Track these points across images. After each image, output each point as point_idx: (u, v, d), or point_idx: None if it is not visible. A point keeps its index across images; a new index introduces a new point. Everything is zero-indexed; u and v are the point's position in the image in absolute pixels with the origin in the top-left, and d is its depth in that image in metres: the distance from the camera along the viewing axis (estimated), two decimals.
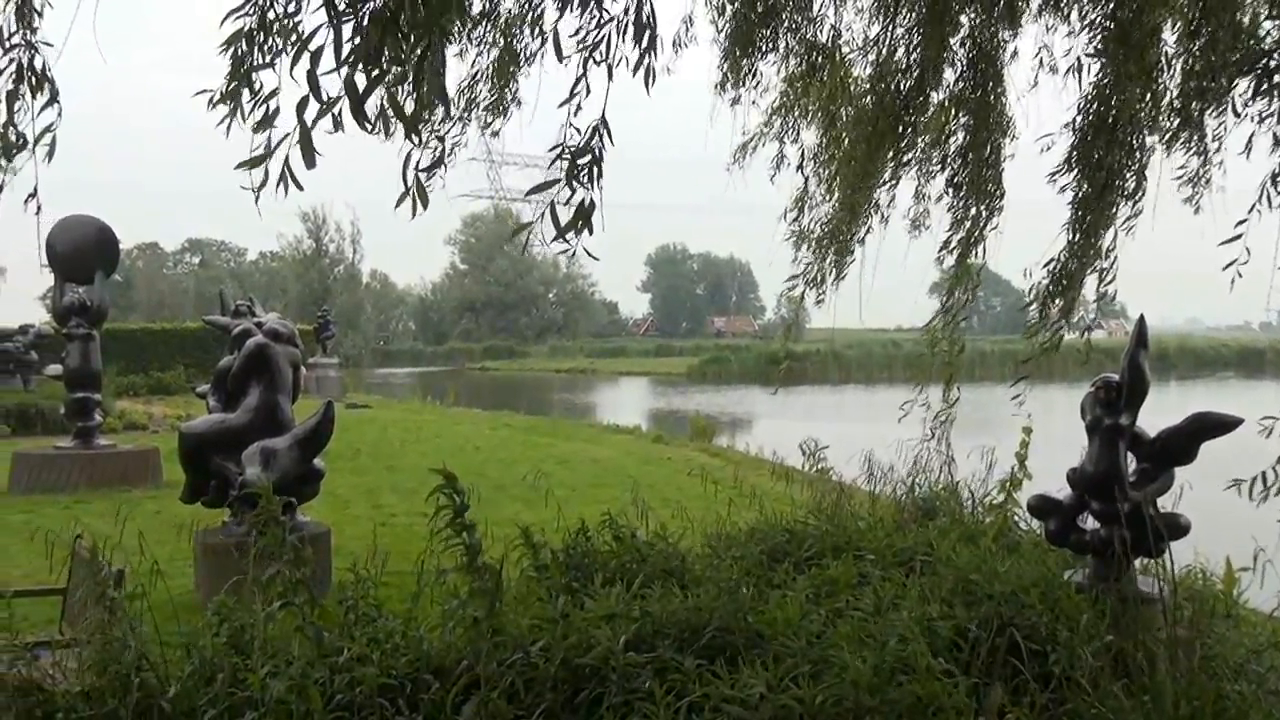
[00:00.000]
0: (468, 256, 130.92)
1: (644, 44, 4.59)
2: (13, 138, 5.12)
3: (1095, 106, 7.89)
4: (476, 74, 8.72)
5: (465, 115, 8.92)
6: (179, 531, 10.40)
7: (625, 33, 4.56)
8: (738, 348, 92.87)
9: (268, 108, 3.83)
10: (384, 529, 12.48)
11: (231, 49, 4.07)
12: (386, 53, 3.82)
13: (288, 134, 3.70)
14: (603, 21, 4.53)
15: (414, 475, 17.84)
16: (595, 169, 4.30)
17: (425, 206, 3.93)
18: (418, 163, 3.91)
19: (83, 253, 17.08)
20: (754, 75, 9.44)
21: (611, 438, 26.82)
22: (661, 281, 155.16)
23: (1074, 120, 8.06)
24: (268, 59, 4.01)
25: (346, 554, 9.79)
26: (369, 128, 3.86)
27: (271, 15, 4.11)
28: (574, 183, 4.25)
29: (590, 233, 4.24)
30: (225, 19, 4.07)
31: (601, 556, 7.08)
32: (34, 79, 5.07)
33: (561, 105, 4.48)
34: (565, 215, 4.20)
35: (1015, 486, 8.60)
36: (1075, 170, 8.06)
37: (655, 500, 10.51)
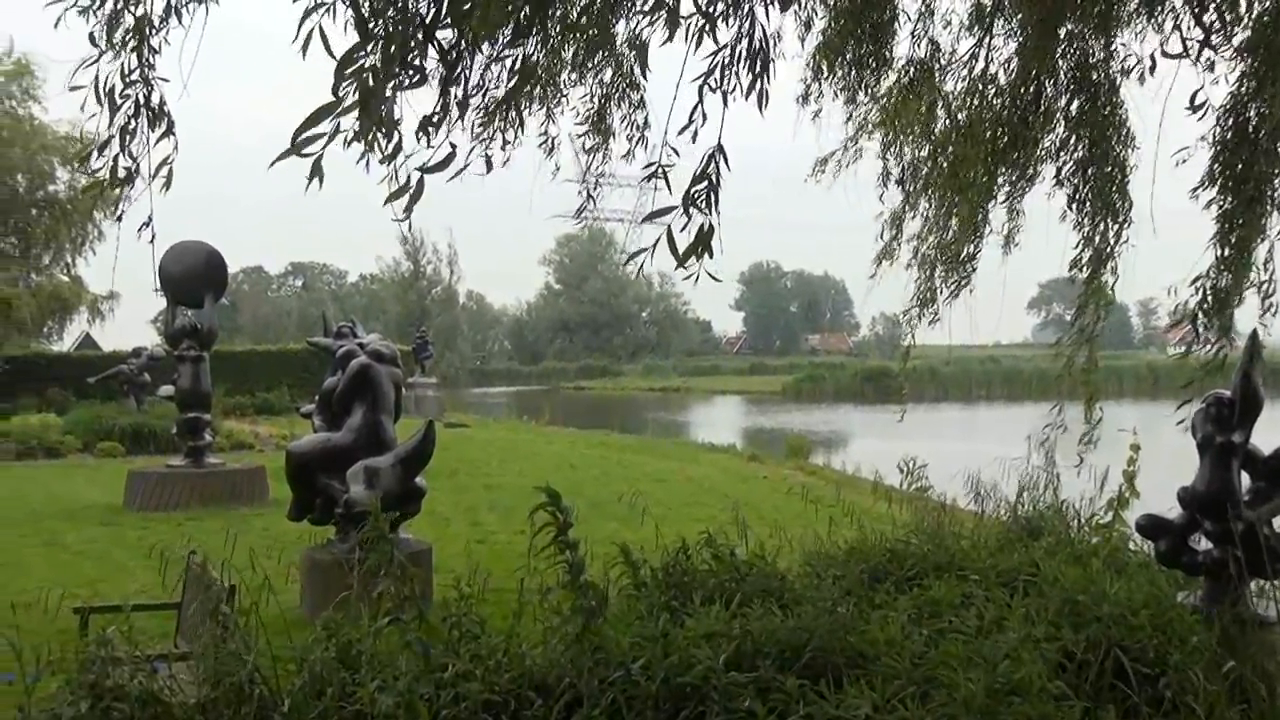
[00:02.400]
0: (562, 276, 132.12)
1: (757, 69, 4.64)
2: (121, 170, 5.31)
3: (1235, 117, 7.66)
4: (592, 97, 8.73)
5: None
6: (286, 548, 10.67)
7: (740, 60, 4.60)
8: (832, 365, 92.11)
9: (393, 139, 3.95)
10: (482, 546, 12.63)
11: (358, 84, 4.19)
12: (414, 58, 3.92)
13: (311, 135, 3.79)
14: (717, 49, 4.57)
15: (511, 493, 18.01)
16: (713, 194, 4.35)
17: (415, 201, 4.01)
18: (424, 163, 3.99)
19: (193, 277, 17.64)
20: (849, 90, 9.38)
21: (706, 456, 26.79)
22: (754, 299, 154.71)
23: (1212, 132, 7.82)
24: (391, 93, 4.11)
25: (447, 571, 9.93)
26: (378, 129, 3.93)
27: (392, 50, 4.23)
28: (691, 208, 4.30)
29: (711, 256, 4.28)
30: (345, 55, 4.19)
31: (700, 575, 7.08)
32: (151, 113, 5.26)
33: (680, 132, 4.54)
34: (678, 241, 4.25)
35: (1123, 506, 8.39)
36: (1218, 183, 7.82)
37: (752, 519, 10.46)
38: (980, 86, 8.95)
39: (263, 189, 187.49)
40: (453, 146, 4.01)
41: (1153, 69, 8.30)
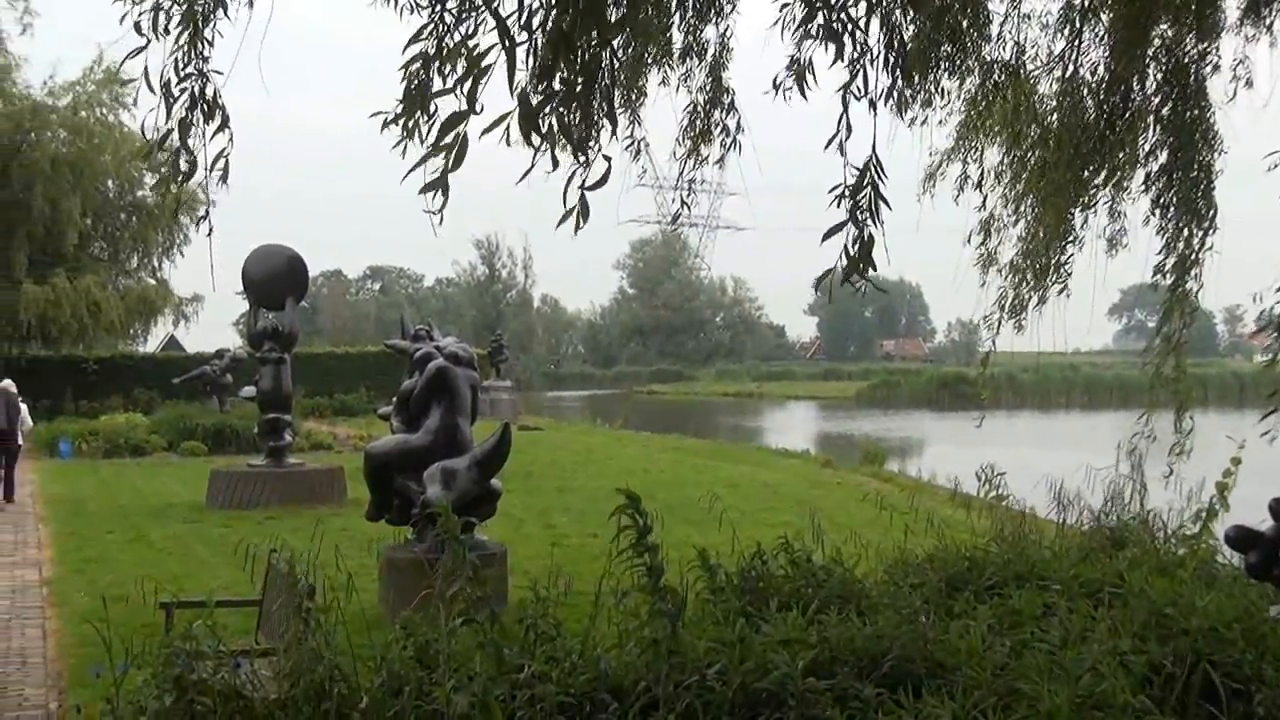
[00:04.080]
0: (636, 281, 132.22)
1: (896, 73, 4.58)
2: (184, 165, 5.38)
3: None
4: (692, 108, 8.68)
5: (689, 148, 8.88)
6: (364, 547, 10.80)
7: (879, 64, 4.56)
8: (908, 371, 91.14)
9: (458, 136, 3.95)
10: (556, 549, 12.66)
11: (408, 73, 4.21)
12: (559, 72, 3.91)
13: (444, 145, 3.81)
14: (859, 54, 4.52)
15: (585, 497, 18.07)
16: (876, 204, 4.31)
17: (585, 221, 3.99)
18: (583, 180, 3.97)
19: (275, 281, 17.97)
20: (934, 94, 9.22)
21: (780, 462, 26.64)
22: (829, 305, 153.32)
23: None
24: (446, 84, 4.11)
25: (521, 573, 9.98)
26: (538, 144, 3.93)
27: (451, 41, 4.24)
28: (856, 221, 4.27)
29: (875, 268, 4.26)
30: (407, 45, 4.22)
31: (776, 580, 7.02)
32: (206, 107, 5.31)
33: (828, 145, 4.48)
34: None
35: (1212, 517, 8.16)
36: None
37: (827, 525, 10.38)
38: (1070, 89, 8.76)
39: (343, 193, 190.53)
40: (608, 160, 3.98)
41: None
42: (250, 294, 18.37)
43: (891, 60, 4.59)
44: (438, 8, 4.24)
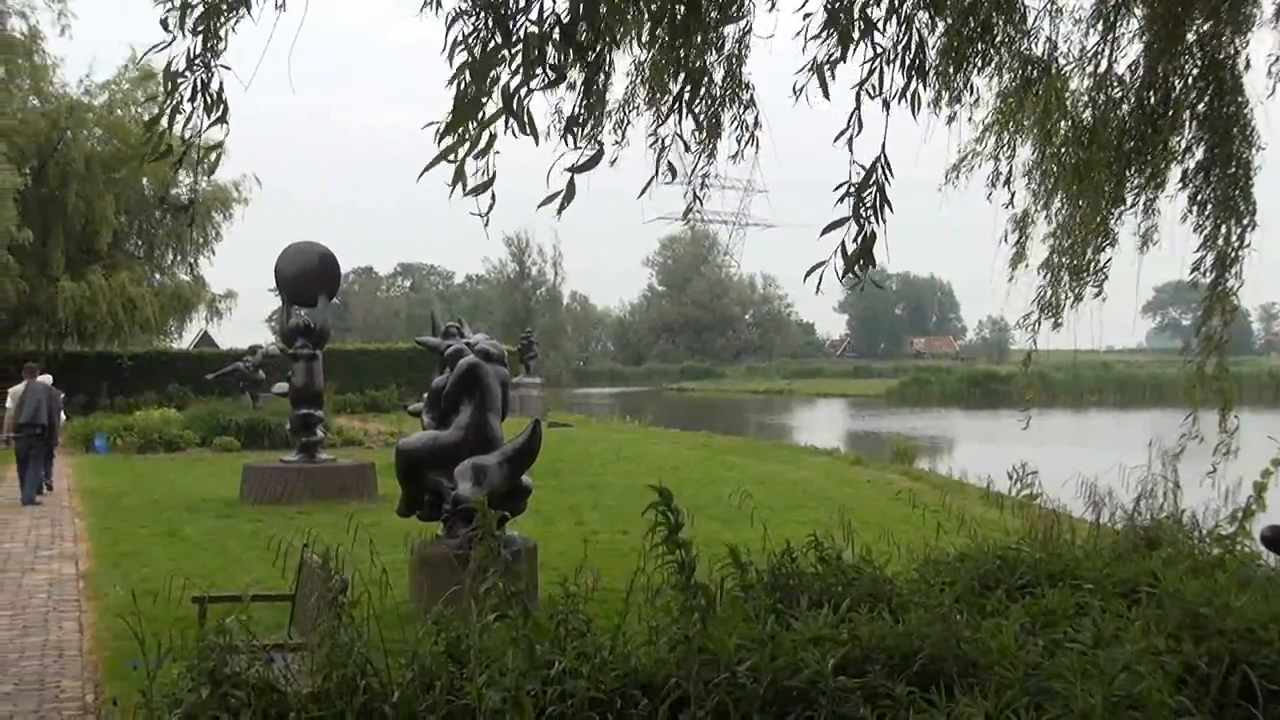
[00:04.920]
0: (665, 278, 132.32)
1: (912, 73, 4.59)
2: (163, 145, 5.43)
3: None
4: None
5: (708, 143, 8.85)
6: (395, 543, 10.84)
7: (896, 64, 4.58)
8: (938, 369, 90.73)
9: (489, 134, 3.99)
10: (586, 545, 12.66)
11: (456, 83, 4.24)
12: (550, 63, 3.97)
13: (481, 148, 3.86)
14: (876, 54, 4.53)
15: (614, 493, 18.09)
16: (880, 202, 4.32)
17: (569, 203, 4.06)
18: (573, 164, 4.03)
19: (307, 278, 18.10)
20: (964, 90, 9.15)
21: (809, 459, 26.57)
22: (859, 302, 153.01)
23: None
24: (489, 88, 4.15)
25: (551, 569, 10.01)
26: (529, 133, 4.03)
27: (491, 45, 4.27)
28: (859, 218, 4.29)
29: (874, 265, 4.28)
30: (452, 51, 4.24)
31: (806, 578, 7.00)
32: (208, 99, 5.36)
33: (836, 140, 4.50)
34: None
35: (1249, 517, 8.07)
36: None
37: (856, 523, 10.33)
38: (1106, 85, 8.68)
39: (374, 191, 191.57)
40: (599, 145, 4.04)
41: None
42: (283, 291, 18.52)
43: (909, 61, 4.58)
44: (483, 15, 4.26)
